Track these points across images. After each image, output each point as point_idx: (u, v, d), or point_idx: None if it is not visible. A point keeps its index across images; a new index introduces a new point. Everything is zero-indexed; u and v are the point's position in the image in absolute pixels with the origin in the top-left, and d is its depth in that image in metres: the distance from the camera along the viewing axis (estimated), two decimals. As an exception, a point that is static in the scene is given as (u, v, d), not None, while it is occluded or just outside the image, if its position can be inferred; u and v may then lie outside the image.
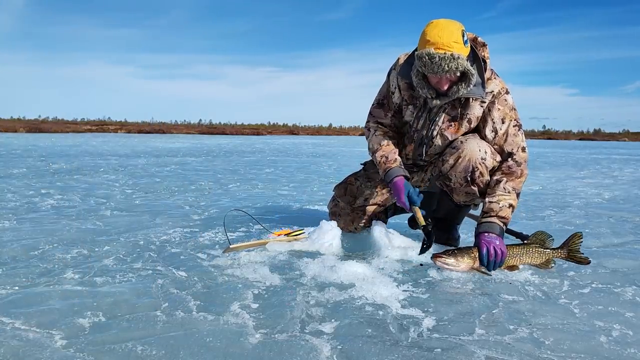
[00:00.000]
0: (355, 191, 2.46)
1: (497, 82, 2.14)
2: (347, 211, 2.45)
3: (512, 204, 2.05)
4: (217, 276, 1.87)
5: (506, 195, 2.06)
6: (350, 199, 2.45)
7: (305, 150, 13.72)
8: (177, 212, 3.27)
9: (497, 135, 2.14)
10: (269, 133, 46.06)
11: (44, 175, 5.47)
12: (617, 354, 1.31)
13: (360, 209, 2.43)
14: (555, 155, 13.63)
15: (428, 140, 2.24)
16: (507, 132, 2.14)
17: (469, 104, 2.13)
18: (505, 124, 2.14)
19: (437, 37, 1.91)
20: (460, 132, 2.18)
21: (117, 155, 9.62)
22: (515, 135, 2.14)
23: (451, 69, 1.92)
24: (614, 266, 2.16)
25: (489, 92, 2.12)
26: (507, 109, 2.15)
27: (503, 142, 2.14)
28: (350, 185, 2.49)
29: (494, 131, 2.14)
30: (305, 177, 6.04)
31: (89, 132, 34.81)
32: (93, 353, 1.24)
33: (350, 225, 2.46)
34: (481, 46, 2.11)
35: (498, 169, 2.14)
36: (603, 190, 5.10)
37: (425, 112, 2.20)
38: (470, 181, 2.15)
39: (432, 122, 2.20)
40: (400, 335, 1.38)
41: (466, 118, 2.16)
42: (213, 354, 1.25)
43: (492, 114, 2.14)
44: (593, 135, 67.05)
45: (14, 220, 2.86)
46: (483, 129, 2.16)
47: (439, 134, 2.21)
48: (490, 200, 2.06)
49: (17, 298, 1.59)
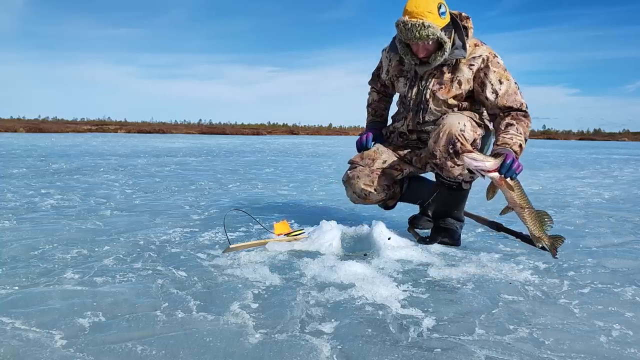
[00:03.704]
0: (373, 155, 2.52)
1: (484, 48, 2.31)
2: (366, 172, 2.48)
3: (522, 144, 2.16)
4: (217, 276, 1.87)
5: (518, 135, 2.16)
6: (369, 162, 2.50)
7: (305, 150, 13.72)
8: (177, 212, 3.27)
9: (498, 96, 2.26)
10: (268, 133, 46.05)
11: (44, 175, 5.47)
12: (617, 354, 1.31)
13: (379, 170, 2.48)
14: (555, 155, 13.63)
15: (423, 105, 2.38)
16: (508, 92, 2.26)
17: (457, 67, 2.30)
18: (504, 85, 2.27)
19: (414, 6, 2.14)
20: (452, 93, 2.32)
21: (117, 155, 9.62)
22: (516, 94, 2.27)
23: (422, 36, 2.12)
24: (614, 266, 2.16)
25: (478, 56, 2.28)
26: (501, 70, 2.29)
27: (505, 101, 2.26)
28: (366, 152, 2.56)
29: (494, 93, 2.26)
30: (305, 177, 6.04)
31: (88, 132, 34.80)
32: (93, 353, 1.24)
33: (370, 185, 2.47)
34: (465, 18, 2.32)
35: (507, 116, 2.25)
36: (603, 190, 5.10)
37: (417, 81, 2.39)
38: (453, 153, 2.22)
39: (423, 88, 2.35)
40: (400, 335, 1.38)
41: (456, 80, 2.31)
42: (213, 354, 1.25)
43: (489, 77, 2.27)
44: (593, 135, 67.01)
45: (14, 220, 2.86)
46: (483, 92, 2.29)
47: (431, 96, 2.34)
48: (503, 137, 2.16)
49: (17, 298, 1.59)
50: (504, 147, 2.10)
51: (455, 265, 2.09)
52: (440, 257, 2.21)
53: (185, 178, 5.51)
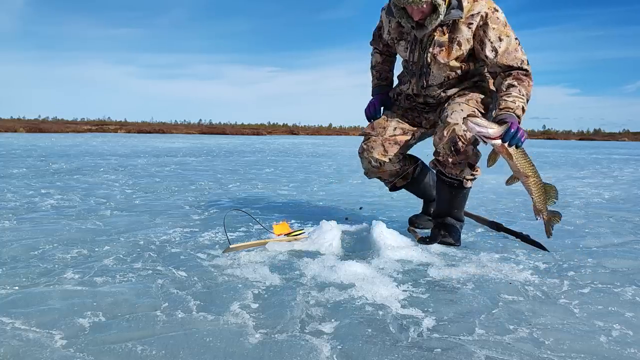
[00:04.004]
0: (383, 123, 2.54)
1: (483, 3, 2.23)
2: (379, 142, 2.51)
3: (524, 107, 2.15)
4: (217, 276, 1.87)
5: (520, 97, 2.14)
6: (380, 130, 2.52)
7: (305, 150, 13.72)
8: (177, 212, 3.27)
9: (498, 54, 2.22)
10: (268, 133, 46.04)
11: (44, 175, 5.47)
12: (617, 354, 1.31)
13: (392, 139, 2.50)
14: (555, 155, 13.62)
15: (425, 68, 2.37)
16: (508, 49, 2.21)
17: (456, 28, 2.25)
18: (504, 42, 2.21)
19: None
20: (452, 55, 2.29)
21: (117, 155, 9.62)
22: (517, 51, 2.22)
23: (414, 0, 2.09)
24: (614, 266, 2.16)
25: (477, 13, 2.22)
26: (501, 26, 2.22)
27: (505, 59, 2.22)
28: (377, 121, 2.58)
29: (493, 51, 2.22)
30: (305, 177, 6.04)
31: (88, 132, 34.80)
32: (93, 353, 1.24)
33: (384, 154, 2.50)
34: None
35: (508, 76, 2.22)
36: (603, 190, 5.10)
37: (417, 44, 2.36)
38: (455, 151, 2.25)
39: (424, 51, 2.32)
40: (400, 335, 1.38)
41: (455, 41, 2.26)
42: (213, 354, 1.25)
43: (488, 34, 2.22)
44: (593, 135, 67.00)
45: (14, 220, 2.86)
46: (482, 51, 2.24)
47: (433, 60, 2.32)
48: (506, 100, 2.14)
49: (17, 298, 1.59)
50: (507, 112, 2.09)
51: (455, 265, 2.09)
52: (440, 257, 2.21)
53: (185, 178, 5.51)
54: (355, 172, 6.81)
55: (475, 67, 2.38)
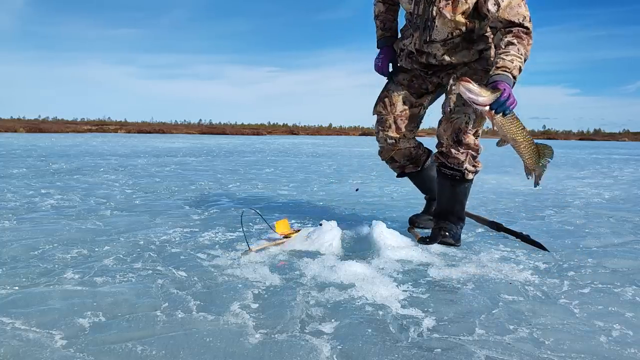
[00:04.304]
0: (392, 99, 2.54)
1: None
2: (391, 120, 2.53)
3: (521, 66, 2.12)
4: (217, 276, 1.87)
5: (518, 56, 2.11)
6: (391, 108, 2.53)
7: (305, 150, 13.72)
8: (177, 212, 3.27)
9: (500, 8, 2.16)
10: (268, 133, 46.06)
11: (44, 175, 5.47)
12: (617, 354, 1.31)
13: (404, 114, 2.52)
14: (555, 155, 13.61)
15: (430, 22, 2.32)
16: (511, 4, 2.16)
17: None
18: None
19: None
20: (459, 9, 2.22)
21: (117, 155, 9.62)
22: (519, 6, 2.17)
23: None
24: (614, 266, 2.16)
25: None
26: None
27: (507, 14, 2.16)
28: (386, 98, 2.57)
29: (496, 4, 2.16)
30: (305, 177, 6.04)
31: (88, 132, 34.81)
32: (93, 353, 1.24)
33: (398, 132, 2.53)
34: None
35: (509, 33, 2.17)
36: (603, 190, 5.10)
37: None
38: (457, 142, 2.32)
39: (430, 4, 2.28)
40: (400, 335, 1.38)
41: None
42: (213, 354, 1.25)
43: None
44: (593, 135, 67.01)
45: (14, 220, 2.86)
46: (485, 4, 2.18)
47: (438, 14, 2.27)
48: (503, 58, 2.10)
49: (17, 298, 1.59)
50: (503, 72, 2.06)
51: (455, 265, 2.09)
52: (440, 257, 2.21)
53: (185, 178, 5.51)
54: (355, 172, 6.81)
55: (480, 25, 2.31)
